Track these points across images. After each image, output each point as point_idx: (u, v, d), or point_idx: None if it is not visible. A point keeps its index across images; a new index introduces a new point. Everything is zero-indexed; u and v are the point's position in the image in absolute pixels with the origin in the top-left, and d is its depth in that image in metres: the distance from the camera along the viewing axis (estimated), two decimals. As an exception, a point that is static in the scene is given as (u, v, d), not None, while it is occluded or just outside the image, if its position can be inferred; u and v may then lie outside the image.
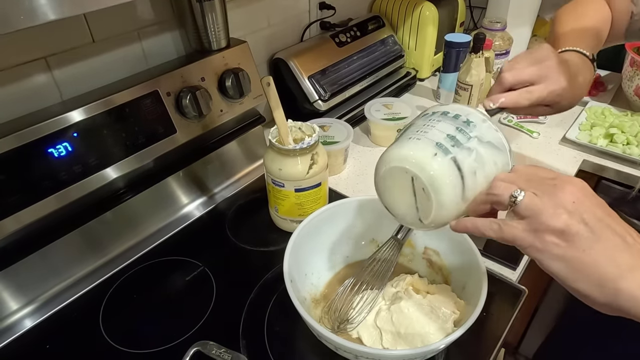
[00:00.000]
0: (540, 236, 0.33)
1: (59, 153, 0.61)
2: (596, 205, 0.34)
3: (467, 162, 0.39)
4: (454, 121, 0.41)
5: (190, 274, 0.70)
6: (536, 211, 0.34)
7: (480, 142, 0.40)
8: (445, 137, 0.40)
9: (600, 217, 0.33)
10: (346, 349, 0.48)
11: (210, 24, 0.76)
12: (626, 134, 0.92)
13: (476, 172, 0.39)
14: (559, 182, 0.35)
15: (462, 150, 0.39)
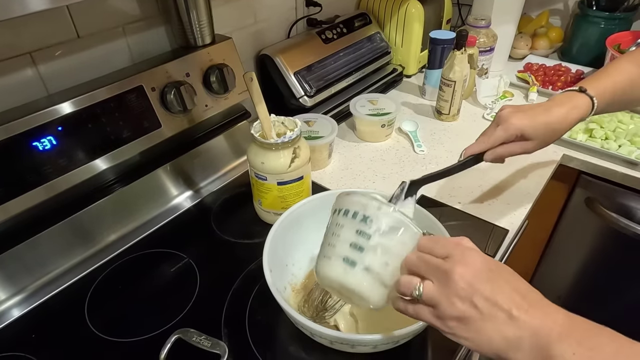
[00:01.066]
0: (445, 322, 0.38)
1: (43, 146, 0.63)
2: (485, 281, 0.37)
3: (375, 261, 0.42)
4: (353, 223, 0.44)
5: (175, 266, 0.72)
6: (435, 302, 0.38)
7: (382, 235, 0.42)
8: (349, 247, 0.43)
9: (488, 296, 0.36)
10: (321, 335, 0.50)
11: (195, 20, 0.77)
12: (605, 129, 0.94)
13: (388, 263, 0.42)
14: (449, 266, 0.38)
15: (367, 253, 0.42)
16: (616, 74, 0.67)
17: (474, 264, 0.38)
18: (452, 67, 0.98)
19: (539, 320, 0.35)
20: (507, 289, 0.37)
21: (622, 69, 0.67)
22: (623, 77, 0.67)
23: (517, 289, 0.37)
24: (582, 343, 0.34)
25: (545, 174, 0.89)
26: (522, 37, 1.32)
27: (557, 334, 0.34)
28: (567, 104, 0.64)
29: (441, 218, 0.63)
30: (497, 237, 0.75)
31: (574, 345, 0.34)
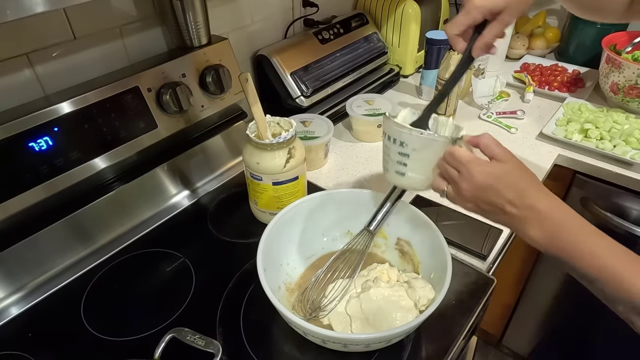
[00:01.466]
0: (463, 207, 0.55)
1: (40, 147, 0.63)
2: (484, 192, 0.51)
3: (416, 170, 0.59)
4: (395, 146, 0.58)
5: (171, 265, 0.72)
6: (454, 201, 0.55)
7: (416, 152, 0.57)
8: (396, 164, 0.60)
9: (487, 201, 0.51)
10: (314, 334, 0.51)
11: (191, 21, 0.78)
12: (600, 129, 0.94)
13: (425, 168, 0.58)
14: (458, 180, 0.52)
15: (409, 166, 0.59)
16: None
17: (477, 180, 0.50)
18: (448, 67, 0.98)
19: (526, 212, 0.49)
20: (504, 194, 0.49)
21: None
22: None
23: (514, 190, 0.49)
24: None
25: (540, 174, 0.90)
26: (518, 37, 1.32)
27: (537, 220, 0.48)
28: None
29: (437, 218, 0.64)
30: (493, 237, 0.75)
31: None
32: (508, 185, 0.49)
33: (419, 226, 0.64)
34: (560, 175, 0.99)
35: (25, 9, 0.38)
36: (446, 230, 0.61)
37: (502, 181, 0.49)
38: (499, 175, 0.50)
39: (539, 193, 0.49)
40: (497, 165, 0.51)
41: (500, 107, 1.11)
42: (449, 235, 0.72)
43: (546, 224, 0.47)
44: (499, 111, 1.09)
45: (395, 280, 0.63)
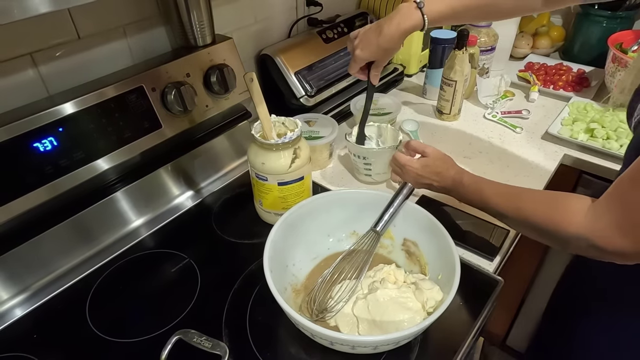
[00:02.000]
0: None
1: (44, 147, 0.63)
2: (420, 179, 0.72)
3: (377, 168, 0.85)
4: (361, 160, 0.85)
5: (176, 266, 0.72)
6: None
7: (374, 159, 0.84)
8: (364, 169, 0.86)
9: (425, 183, 0.72)
10: (322, 336, 0.50)
11: (195, 21, 0.77)
12: (606, 129, 0.94)
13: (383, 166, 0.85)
14: (404, 175, 0.74)
15: (372, 166, 0.85)
16: None
17: (412, 173, 0.72)
18: (453, 66, 0.98)
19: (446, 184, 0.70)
20: (430, 177, 0.71)
21: None
22: (465, 3, 0.72)
23: (435, 174, 0.70)
24: None
25: (546, 174, 0.89)
26: (523, 36, 1.31)
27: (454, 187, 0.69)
28: (396, 21, 0.71)
29: (442, 218, 0.63)
30: (497, 237, 0.75)
31: None
32: (431, 172, 0.71)
33: (425, 227, 0.64)
34: (566, 175, 0.98)
35: (30, 10, 0.38)
36: (450, 230, 0.61)
37: (426, 169, 0.71)
38: (424, 165, 0.71)
39: (450, 171, 0.70)
40: (421, 160, 0.72)
41: (505, 107, 1.11)
42: (454, 235, 0.72)
43: (460, 189, 0.68)
44: (503, 110, 1.08)
45: (402, 281, 0.62)
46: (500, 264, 0.73)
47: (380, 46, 0.73)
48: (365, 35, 0.74)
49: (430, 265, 0.64)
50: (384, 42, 0.72)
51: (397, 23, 0.71)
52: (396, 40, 0.73)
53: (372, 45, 0.73)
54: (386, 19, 0.73)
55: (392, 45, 0.73)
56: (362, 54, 0.75)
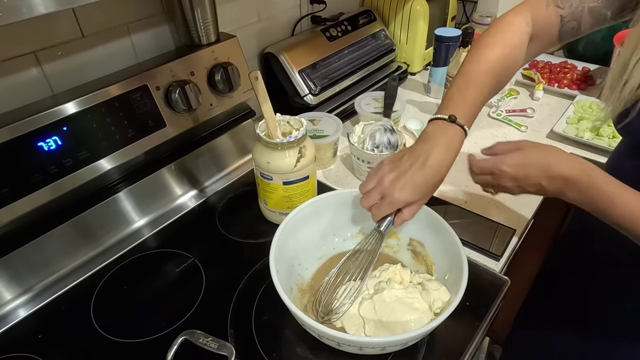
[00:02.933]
0: None
1: (49, 146, 0.62)
2: (522, 181, 0.58)
3: None
4: (365, 164, 0.84)
5: (180, 266, 0.71)
6: None
7: None
8: (367, 172, 0.82)
9: (530, 184, 0.58)
10: (329, 337, 0.50)
11: (199, 19, 0.77)
12: (612, 128, 0.93)
13: None
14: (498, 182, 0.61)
15: None
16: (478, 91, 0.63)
17: (508, 180, 0.59)
18: (458, 64, 0.97)
19: (559, 183, 0.56)
20: (535, 176, 0.57)
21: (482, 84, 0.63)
22: (483, 93, 0.63)
23: (541, 169, 0.56)
24: None
25: (551, 173, 0.88)
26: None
27: (569, 186, 0.55)
28: (440, 145, 0.59)
29: (446, 216, 0.63)
30: (502, 236, 0.74)
31: None
32: (535, 167, 0.56)
33: (431, 226, 0.63)
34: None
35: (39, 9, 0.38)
36: (456, 229, 0.60)
37: (528, 167, 0.57)
38: (524, 163, 0.57)
39: (563, 162, 0.55)
40: (517, 155, 0.58)
41: (510, 105, 1.10)
42: (459, 234, 0.72)
43: (578, 188, 0.54)
44: (508, 109, 1.08)
45: (409, 281, 0.62)
46: (506, 263, 0.73)
47: (429, 182, 0.58)
48: (404, 174, 0.58)
49: (436, 265, 0.64)
50: (433, 176, 0.58)
51: (442, 150, 0.58)
52: (447, 170, 0.59)
53: (417, 182, 0.57)
54: (421, 150, 0.58)
55: (442, 176, 0.59)
56: (405, 195, 0.58)
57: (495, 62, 0.64)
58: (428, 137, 0.60)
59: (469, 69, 0.64)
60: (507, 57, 0.65)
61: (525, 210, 0.80)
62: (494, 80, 0.64)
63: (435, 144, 0.59)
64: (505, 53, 0.64)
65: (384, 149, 0.84)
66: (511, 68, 0.67)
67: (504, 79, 0.67)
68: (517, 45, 0.65)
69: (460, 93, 0.63)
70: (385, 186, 0.59)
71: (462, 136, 0.60)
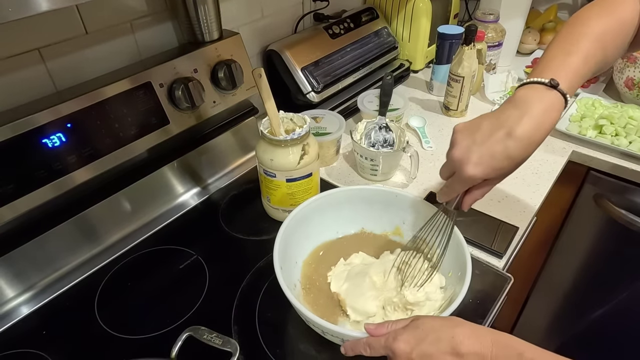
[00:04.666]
0: None
1: (52, 143, 0.62)
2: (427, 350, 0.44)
3: (384, 168, 0.84)
4: (368, 161, 0.84)
5: (184, 263, 0.72)
6: None
7: (381, 161, 0.83)
8: (370, 169, 0.85)
9: None
10: (333, 333, 0.50)
11: (203, 16, 0.77)
12: (615, 125, 0.93)
13: (390, 165, 0.85)
14: None
15: (379, 166, 0.84)
16: (581, 59, 0.52)
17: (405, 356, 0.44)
18: (461, 62, 0.97)
19: None
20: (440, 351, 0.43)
21: (587, 51, 0.53)
22: (588, 63, 0.53)
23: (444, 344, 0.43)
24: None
25: (554, 171, 0.88)
26: (530, 31, 1.30)
27: None
28: (534, 113, 0.48)
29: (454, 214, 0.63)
30: (504, 234, 0.74)
31: None
32: (438, 342, 0.43)
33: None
34: (573, 171, 0.98)
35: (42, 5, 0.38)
36: (459, 227, 0.60)
37: (426, 342, 0.43)
38: (420, 337, 0.43)
39: (469, 335, 0.42)
40: (412, 330, 0.45)
41: (512, 103, 1.10)
42: (463, 232, 0.71)
43: None
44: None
45: None
46: (509, 261, 0.73)
47: (513, 157, 0.48)
48: (481, 144, 0.49)
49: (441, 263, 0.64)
50: (519, 151, 0.48)
51: (535, 120, 0.48)
52: (537, 145, 0.49)
53: (496, 157, 0.48)
54: (508, 117, 0.49)
55: (530, 152, 0.49)
56: (478, 171, 0.49)
57: (602, 33, 0.54)
58: (519, 101, 0.49)
59: (572, 32, 0.54)
60: (615, 30, 0.55)
61: (528, 208, 0.80)
62: (600, 52, 0.53)
63: (527, 111, 0.48)
64: (613, 25, 0.55)
65: (379, 148, 0.85)
66: (620, 44, 0.56)
67: (610, 55, 0.56)
68: (627, 20, 0.55)
69: (561, 57, 0.52)
70: (456, 159, 0.50)
71: (562, 105, 0.49)
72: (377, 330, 0.47)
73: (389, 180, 0.88)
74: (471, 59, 0.97)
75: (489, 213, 0.78)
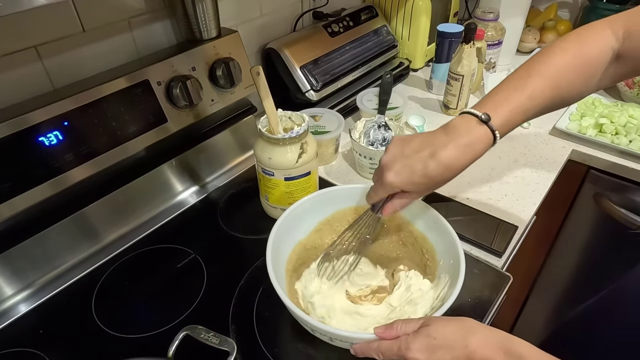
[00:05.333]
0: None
1: (50, 141, 0.62)
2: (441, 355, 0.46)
3: None
4: (367, 160, 0.84)
5: (182, 262, 0.71)
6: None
7: None
8: (369, 167, 0.85)
9: None
10: (321, 332, 0.50)
11: (201, 13, 0.76)
12: (615, 124, 0.93)
13: None
14: None
15: None
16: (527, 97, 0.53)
17: None
18: (461, 60, 0.97)
19: None
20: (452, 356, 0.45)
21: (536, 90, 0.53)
22: (534, 101, 0.53)
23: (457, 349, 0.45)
24: None
25: (554, 170, 0.88)
26: (530, 30, 1.30)
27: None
28: (459, 143, 0.51)
29: (448, 213, 0.63)
30: (503, 233, 0.74)
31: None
32: (451, 350, 0.44)
33: (431, 223, 0.63)
34: (572, 170, 0.98)
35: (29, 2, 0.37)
36: (458, 226, 0.60)
37: (441, 350, 0.45)
38: (433, 346, 0.45)
39: (482, 345, 0.44)
40: (423, 338, 0.46)
41: (512, 102, 1.09)
42: (462, 231, 0.71)
43: None
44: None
45: None
46: (508, 260, 0.73)
47: (430, 177, 0.52)
48: (406, 157, 0.53)
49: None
50: (437, 173, 0.51)
51: (458, 149, 0.51)
52: (455, 172, 0.52)
53: (415, 172, 0.52)
54: (437, 139, 0.52)
55: (448, 177, 0.52)
56: (397, 180, 0.53)
57: (560, 70, 0.53)
58: (451, 128, 0.52)
59: (527, 69, 0.55)
60: (577, 69, 0.54)
61: (528, 207, 0.80)
62: (552, 91, 0.53)
63: (454, 140, 0.51)
64: (576, 64, 0.54)
65: (378, 146, 0.85)
66: (579, 85, 0.55)
67: (566, 95, 0.55)
68: (595, 59, 0.54)
69: (506, 92, 0.54)
70: (382, 164, 0.54)
71: (488, 142, 0.52)
72: (387, 333, 0.49)
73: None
74: (471, 58, 0.97)
75: (488, 212, 0.78)
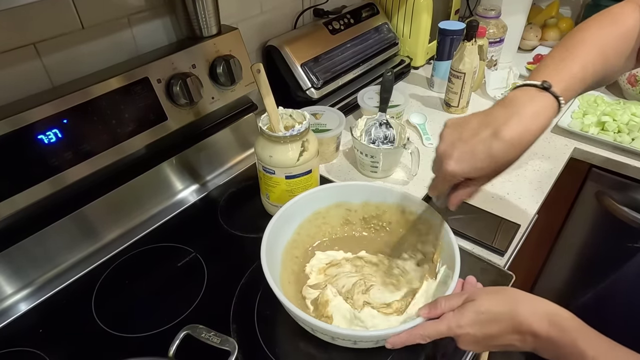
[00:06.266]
0: None
1: (49, 139, 0.62)
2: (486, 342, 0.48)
3: (384, 165, 0.84)
4: (368, 158, 0.84)
5: (182, 260, 0.71)
6: None
7: (381, 158, 0.83)
8: (370, 166, 0.85)
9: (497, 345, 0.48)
10: (322, 331, 0.50)
11: (201, 10, 0.76)
12: (617, 122, 0.92)
13: (389, 163, 0.85)
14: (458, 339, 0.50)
15: (380, 164, 0.83)
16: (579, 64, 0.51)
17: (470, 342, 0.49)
18: (462, 58, 0.96)
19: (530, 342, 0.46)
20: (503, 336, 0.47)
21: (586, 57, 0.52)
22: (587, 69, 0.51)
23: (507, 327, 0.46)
24: None
25: (556, 168, 0.88)
26: (531, 27, 1.29)
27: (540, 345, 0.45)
28: (523, 114, 0.46)
29: (449, 211, 0.62)
30: (505, 231, 0.73)
31: None
32: (500, 322, 0.46)
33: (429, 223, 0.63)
34: (575, 168, 0.97)
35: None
36: (459, 225, 0.59)
37: (486, 327, 0.46)
38: (478, 322, 0.46)
39: (528, 315, 0.45)
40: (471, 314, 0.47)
41: (514, 99, 1.09)
42: (464, 229, 0.71)
43: (549, 347, 0.44)
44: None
45: None
46: (510, 258, 0.72)
47: (495, 158, 0.46)
48: (465, 142, 0.48)
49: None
50: (502, 153, 0.46)
51: (523, 122, 0.46)
52: (522, 149, 0.47)
53: (478, 156, 0.47)
54: (496, 116, 0.47)
55: (514, 156, 0.47)
56: (458, 168, 0.48)
57: (604, 38, 0.53)
58: (510, 102, 0.48)
59: (570, 40, 0.53)
60: (619, 39, 0.54)
61: (530, 206, 0.79)
62: (601, 57, 0.52)
63: (516, 113, 0.46)
64: (617, 34, 0.54)
65: (380, 144, 0.84)
66: (623, 52, 0.54)
67: (613, 64, 0.54)
68: (631, 32, 0.54)
69: (557, 62, 0.51)
70: (440, 153, 0.49)
71: (553, 111, 0.47)
72: (432, 312, 0.49)
73: (389, 177, 0.87)
74: (472, 55, 0.96)
75: (490, 210, 0.77)
